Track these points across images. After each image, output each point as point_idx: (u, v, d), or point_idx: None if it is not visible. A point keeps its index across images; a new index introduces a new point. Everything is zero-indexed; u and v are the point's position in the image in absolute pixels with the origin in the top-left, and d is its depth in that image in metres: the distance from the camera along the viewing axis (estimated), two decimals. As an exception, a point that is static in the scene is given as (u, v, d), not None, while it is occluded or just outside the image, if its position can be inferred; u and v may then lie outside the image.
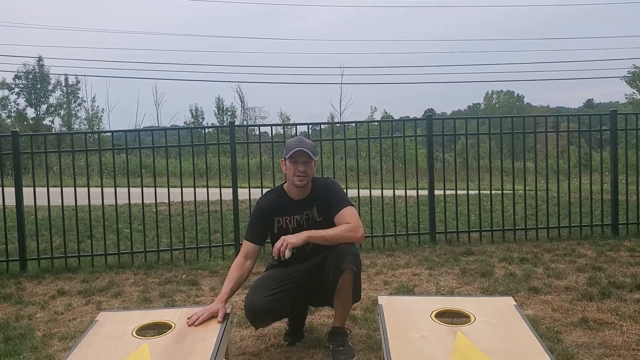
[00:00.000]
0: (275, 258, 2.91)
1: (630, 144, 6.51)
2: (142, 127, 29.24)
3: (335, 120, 30.81)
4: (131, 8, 72.00)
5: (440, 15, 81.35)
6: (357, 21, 75.09)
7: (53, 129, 34.70)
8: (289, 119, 34.40)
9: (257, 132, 6.46)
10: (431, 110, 50.14)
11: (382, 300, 2.76)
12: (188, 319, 2.67)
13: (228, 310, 2.78)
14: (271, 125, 6.55)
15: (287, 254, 2.83)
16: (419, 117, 7.42)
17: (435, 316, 2.54)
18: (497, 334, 2.38)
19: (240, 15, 75.81)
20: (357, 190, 6.18)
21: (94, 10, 64.66)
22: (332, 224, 3.02)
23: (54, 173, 12.02)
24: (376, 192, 6.41)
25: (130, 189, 5.86)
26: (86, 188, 5.84)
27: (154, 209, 6.33)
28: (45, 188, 5.82)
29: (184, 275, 5.12)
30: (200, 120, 37.58)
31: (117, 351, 2.39)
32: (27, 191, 5.79)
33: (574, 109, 51.43)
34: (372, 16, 76.36)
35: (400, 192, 6.53)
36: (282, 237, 2.88)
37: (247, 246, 3.08)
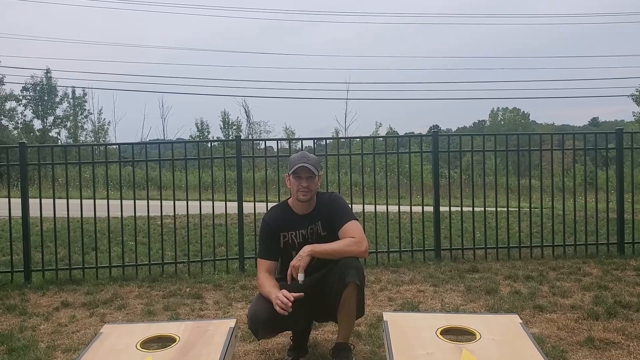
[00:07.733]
0: (289, 283, 2.92)
1: (636, 163, 6.51)
2: (148, 140, 29.33)
3: (340, 135, 30.86)
4: (138, 23, 72.85)
5: (447, 32, 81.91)
6: (363, 37, 75.70)
7: (59, 141, 34.91)
8: (294, 134, 34.49)
9: (263, 146, 6.49)
10: (436, 126, 50.22)
11: (388, 316, 2.75)
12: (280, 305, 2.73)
13: (232, 324, 2.78)
14: (277, 140, 6.64)
15: (301, 277, 2.87)
16: (424, 133, 7.45)
17: (441, 333, 2.53)
18: (503, 352, 2.36)
19: (247, 30, 76.55)
20: (362, 205, 6.17)
21: (102, 23, 65.45)
22: (337, 238, 3.02)
23: (60, 185, 12.05)
24: (381, 208, 6.40)
25: (136, 201, 5.88)
26: (92, 200, 5.86)
27: (159, 222, 6.34)
28: (51, 199, 5.85)
29: (188, 289, 5.11)
30: (206, 134, 37.67)
31: (121, 364, 2.39)
32: (33, 202, 5.82)
33: (579, 127, 51.43)
34: (378, 33, 77.01)
35: (405, 208, 6.52)
36: (290, 264, 2.91)
37: (264, 264, 3.09)
